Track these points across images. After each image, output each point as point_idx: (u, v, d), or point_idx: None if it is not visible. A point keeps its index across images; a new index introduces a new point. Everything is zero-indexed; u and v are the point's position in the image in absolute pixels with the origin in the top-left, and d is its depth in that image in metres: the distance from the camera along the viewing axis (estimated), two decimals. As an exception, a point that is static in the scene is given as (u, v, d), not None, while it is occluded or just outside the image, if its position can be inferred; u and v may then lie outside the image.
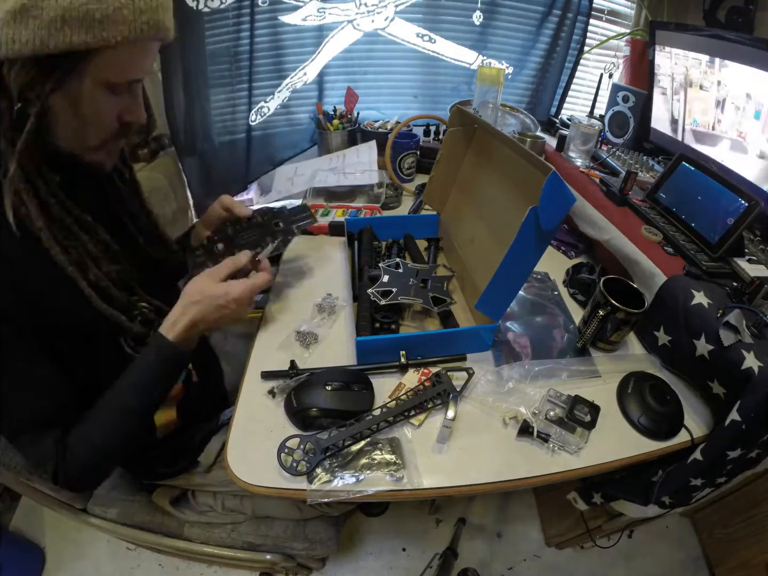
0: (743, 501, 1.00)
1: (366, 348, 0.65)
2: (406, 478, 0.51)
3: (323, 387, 0.58)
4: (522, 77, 1.41)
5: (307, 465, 0.51)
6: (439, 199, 0.92)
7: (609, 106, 1.21)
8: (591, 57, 1.43)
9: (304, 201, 0.91)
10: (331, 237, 0.98)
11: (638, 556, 1.18)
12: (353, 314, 0.73)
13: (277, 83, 1.26)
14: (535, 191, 0.52)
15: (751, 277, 0.64)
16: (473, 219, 0.80)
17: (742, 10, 1.01)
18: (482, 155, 0.80)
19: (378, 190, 1.10)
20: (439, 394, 0.59)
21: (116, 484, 0.79)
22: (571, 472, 0.54)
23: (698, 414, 0.62)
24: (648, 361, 0.68)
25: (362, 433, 0.54)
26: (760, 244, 0.75)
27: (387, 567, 1.13)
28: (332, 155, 1.25)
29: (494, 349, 0.70)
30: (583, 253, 0.96)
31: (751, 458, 0.56)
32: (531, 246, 0.56)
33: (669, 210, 0.80)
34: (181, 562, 1.13)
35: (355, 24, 1.22)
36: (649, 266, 0.71)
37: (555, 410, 0.59)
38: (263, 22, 1.14)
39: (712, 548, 1.13)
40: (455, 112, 0.80)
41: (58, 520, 1.17)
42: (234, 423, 0.58)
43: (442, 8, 1.25)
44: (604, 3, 1.35)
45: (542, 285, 0.84)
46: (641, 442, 0.58)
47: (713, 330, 0.57)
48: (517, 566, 1.15)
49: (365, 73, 1.32)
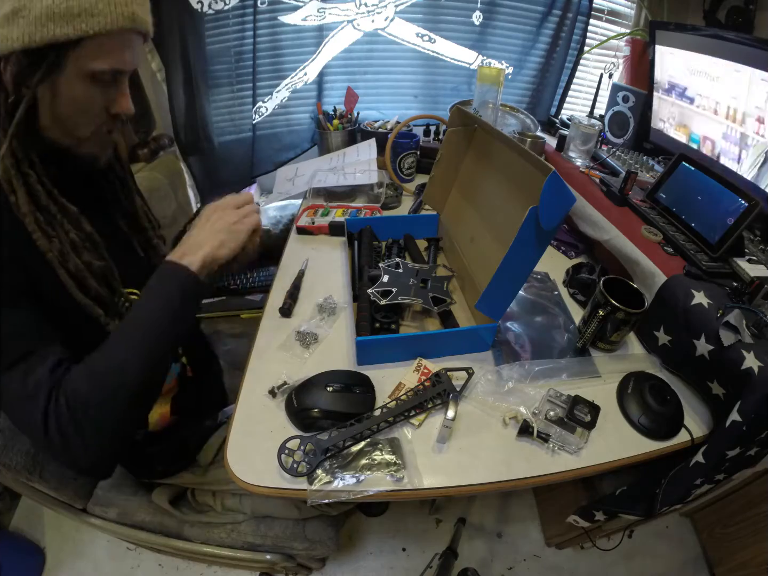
0: (743, 501, 1.00)
1: (366, 348, 0.65)
2: (407, 478, 0.51)
3: (324, 388, 0.58)
4: (522, 77, 1.41)
5: (307, 466, 0.50)
6: (439, 199, 0.92)
7: (609, 106, 1.21)
8: (591, 57, 1.43)
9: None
10: (331, 237, 0.98)
11: (638, 556, 1.17)
12: (353, 314, 0.73)
13: (277, 83, 1.26)
14: (535, 191, 0.52)
15: (751, 277, 0.64)
16: (473, 219, 0.80)
17: (742, 10, 1.01)
18: (482, 155, 0.80)
19: (378, 190, 1.10)
20: (439, 394, 0.59)
21: (116, 484, 0.79)
22: (571, 472, 0.54)
23: (698, 414, 0.62)
24: (648, 361, 0.68)
25: (362, 433, 0.54)
26: (760, 244, 0.75)
27: (387, 567, 1.13)
28: (332, 154, 1.25)
29: (494, 349, 0.70)
30: (583, 253, 0.96)
31: (750, 456, 0.56)
32: (531, 246, 0.56)
33: (669, 210, 0.80)
34: (181, 562, 1.13)
35: (355, 24, 1.22)
36: (649, 266, 0.71)
37: (555, 410, 0.59)
38: (263, 22, 1.14)
39: (712, 548, 1.13)
40: (455, 112, 0.80)
41: (58, 520, 1.17)
42: (234, 422, 0.58)
43: (442, 8, 1.25)
44: (604, 3, 1.35)
45: (542, 285, 0.84)
46: (641, 442, 0.58)
47: (713, 330, 0.57)
48: (517, 566, 1.15)
49: (365, 73, 1.33)
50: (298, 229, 1.00)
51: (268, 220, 1.34)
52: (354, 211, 1.05)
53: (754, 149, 0.83)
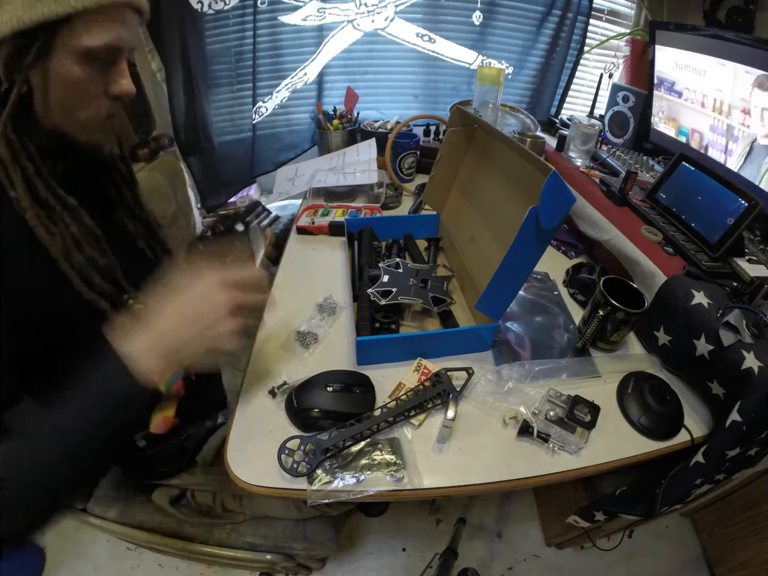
0: (743, 501, 1.00)
1: (366, 348, 0.65)
2: (407, 478, 0.51)
3: (324, 388, 0.58)
4: (522, 77, 1.41)
5: (307, 466, 0.50)
6: (439, 198, 0.92)
7: (609, 106, 1.21)
8: (591, 57, 1.43)
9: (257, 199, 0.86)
10: (331, 237, 0.98)
11: (638, 556, 1.17)
12: (353, 314, 0.73)
13: (277, 83, 1.26)
14: (535, 191, 0.52)
15: (751, 277, 0.64)
16: (473, 218, 0.80)
17: (742, 10, 1.01)
18: (482, 155, 0.80)
19: (378, 190, 1.10)
20: (439, 394, 0.59)
21: (116, 485, 0.79)
22: (571, 472, 0.54)
23: (698, 414, 0.62)
24: (648, 361, 0.68)
25: (362, 433, 0.54)
26: (760, 244, 0.75)
27: (387, 567, 1.13)
28: (332, 154, 1.25)
29: (494, 349, 0.70)
30: (583, 253, 0.96)
31: (750, 456, 0.56)
32: (531, 246, 0.56)
33: (669, 210, 0.80)
34: (181, 562, 1.13)
35: (355, 24, 1.22)
36: (649, 266, 0.71)
37: (555, 410, 0.59)
38: (263, 22, 1.14)
39: (712, 548, 1.13)
40: (455, 112, 0.80)
41: (58, 520, 1.17)
42: (234, 423, 0.58)
43: (442, 8, 1.25)
44: (604, 3, 1.35)
45: (542, 285, 0.84)
46: (641, 442, 0.58)
47: (713, 330, 0.57)
48: (517, 566, 1.15)
49: (365, 73, 1.33)
50: (298, 229, 1.00)
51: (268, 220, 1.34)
52: (354, 211, 1.05)
53: (741, 140, 0.83)
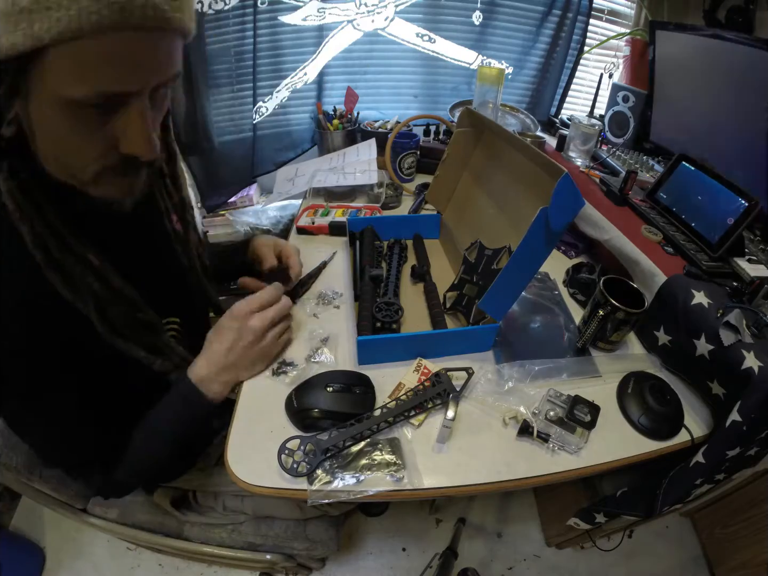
0: (743, 501, 1.00)
1: (367, 347, 0.65)
2: (407, 478, 0.51)
3: (324, 388, 0.58)
4: (522, 77, 1.41)
5: (307, 466, 0.50)
6: (443, 198, 0.92)
7: (609, 106, 1.21)
8: (591, 57, 1.43)
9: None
10: (331, 237, 0.98)
11: (638, 556, 1.18)
12: (354, 314, 0.73)
13: (277, 83, 1.26)
14: (542, 192, 0.53)
15: (751, 277, 0.64)
16: (478, 219, 0.80)
17: (742, 10, 1.01)
18: (490, 156, 0.80)
19: (378, 190, 1.10)
20: (438, 394, 0.59)
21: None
22: (571, 472, 0.54)
23: (698, 414, 0.62)
24: (648, 361, 0.68)
25: (362, 433, 0.54)
26: (760, 244, 0.75)
27: (387, 567, 1.13)
28: (332, 154, 1.25)
29: (494, 349, 0.70)
30: (583, 253, 0.96)
31: (750, 456, 0.56)
32: (539, 246, 0.57)
33: (669, 210, 0.80)
34: (181, 562, 1.13)
35: (355, 24, 1.21)
36: (649, 266, 0.71)
37: (555, 410, 0.59)
38: (263, 22, 1.14)
39: (712, 548, 1.13)
40: (465, 112, 0.80)
41: (58, 520, 1.17)
42: (234, 423, 0.57)
43: (442, 8, 1.25)
44: (604, 3, 1.35)
45: (542, 285, 0.84)
46: (641, 442, 0.58)
47: (713, 330, 0.56)
48: (517, 566, 1.15)
49: (365, 73, 1.32)
50: (298, 229, 1.00)
51: (268, 220, 1.34)
52: (354, 211, 1.05)
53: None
